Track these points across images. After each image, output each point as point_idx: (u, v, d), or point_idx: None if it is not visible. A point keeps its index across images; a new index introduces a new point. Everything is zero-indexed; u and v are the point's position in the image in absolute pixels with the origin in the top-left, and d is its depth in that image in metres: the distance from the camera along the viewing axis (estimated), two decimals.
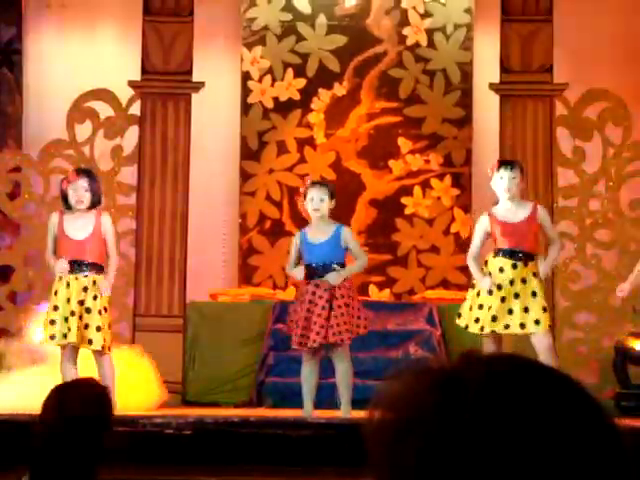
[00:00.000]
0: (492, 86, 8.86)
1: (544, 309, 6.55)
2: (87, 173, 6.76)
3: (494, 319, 6.53)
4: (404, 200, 9.08)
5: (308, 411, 6.58)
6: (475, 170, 9.03)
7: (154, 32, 8.91)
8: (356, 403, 6.41)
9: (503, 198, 6.67)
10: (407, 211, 9.07)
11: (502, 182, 6.64)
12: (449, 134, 9.05)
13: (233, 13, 9.16)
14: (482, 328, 6.55)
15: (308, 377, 6.62)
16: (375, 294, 8.92)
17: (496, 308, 6.54)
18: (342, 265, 6.59)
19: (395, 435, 1.16)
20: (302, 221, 8.87)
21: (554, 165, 8.77)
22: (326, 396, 6.92)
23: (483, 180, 9.01)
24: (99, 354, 6.52)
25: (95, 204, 6.65)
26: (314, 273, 6.59)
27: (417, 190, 9.06)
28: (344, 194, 8.30)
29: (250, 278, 9.00)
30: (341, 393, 6.58)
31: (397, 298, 8.95)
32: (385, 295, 8.95)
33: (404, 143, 9.09)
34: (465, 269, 8.98)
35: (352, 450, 1.14)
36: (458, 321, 6.69)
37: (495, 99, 8.85)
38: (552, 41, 8.74)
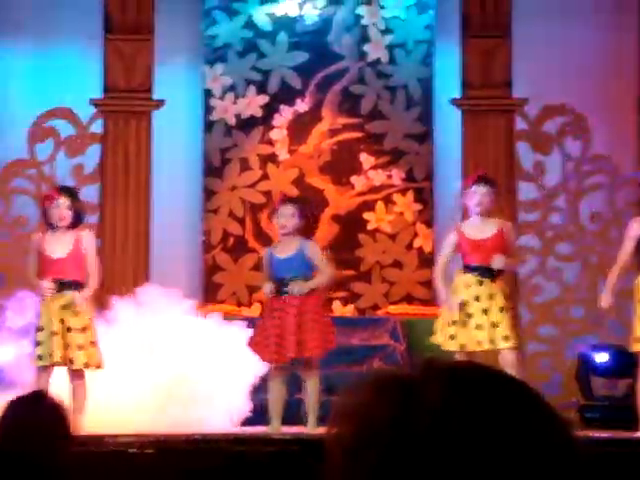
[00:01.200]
0: (453, 101, 8.91)
1: (512, 325, 6.58)
2: (69, 191, 6.75)
3: (468, 337, 6.55)
4: (367, 215, 9.10)
5: (275, 427, 6.57)
6: (437, 185, 9.07)
7: (115, 50, 8.90)
8: (321, 419, 6.41)
9: (474, 213, 6.69)
10: (370, 226, 9.10)
11: (475, 197, 6.66)
12: (411, 149, 9.09)
13: (194, 30, 9.16)
14: (462, 346, 6.56)
15: (276, 393, 6.62)
16: (339, 309, 8.93)
17: (469, 325, 6.56)
18: (309, 279, 6.64)
19: (352, 449, 1.16)
20: (266, 238, 8.88)
21: (515, 179, 8.83)
22: (293, 412, 6.91)
23: (445, 195, 9.06)
24: (76, 374, 6.47)
25: (77, 222, 6.64)
26: (281, 288, 6.64)
27: (380, 205, 9.09)
28: (310, 211, 8.30)
29: (214, 295, 8.98)
30: (309, 409, 6.58)
31: (361, 313, 8.96)
32: (349, 310, 8.96)
33: (366, 159, 9.12)
34: (428, 284, 9.01)
35: (318, 466, 1.13)
36: (433, 338, 6.71)
37: (456, 114, 8.91)
38: (511, 57, 8.82)
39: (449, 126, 8.96)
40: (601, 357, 8.15)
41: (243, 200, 9.12)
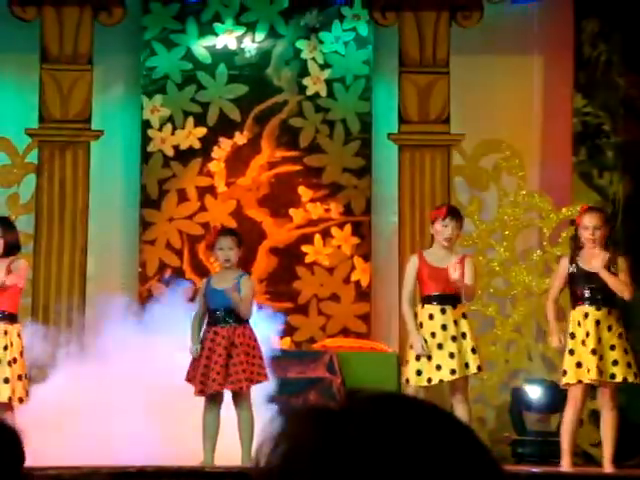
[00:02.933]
0: (390, 136, 8.98)
1: (473, 350, 6.60)
2: (1, 221, 6.71)
3: (438, 368, 6.56)
4: (305, 248, 9.12)
5: (208, 460, 6.54)
6: (375, 219, 9.12)
7: (52, 80, 8.86)
8: None
9: (440, 245, 6.70)
10: (308, 259, 9.11)
11: (446, 230, 6.66)
12: (349, 183, 9.13)
13: (133, 61, 9.15)
14: (429, 379, 6.55)
15: (209, 425, 6.59)
16: (275, 342, 8.90)
17: (437, 357, 6.56)
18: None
19: (279, 479, 1.16)
20: (203, 269, 8.86)
21: None
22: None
23: (383, 229, 9.11)
24: (3, 407, 6.39)
25: (11, 251, 6.58)
26: (215, 319, 6.65)
27: (317, 238, 9.11)
28: (245, 242, 8.30)
29: None
30: (241, 441, 6.55)
31: (297, 346, 8.95)
32: (286, 343, 8.95)
33: (304, 192, 9.14)
34: (365, 317, 9.03)
35: None
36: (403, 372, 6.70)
37: (394, 149, 8.97)
38: (449, 92, 8.91)
39: (387, 160, 9.02)
40: (534, 392, 8.20)
41: (181, 231, 9.10)
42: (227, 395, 6.69)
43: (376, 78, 9.20)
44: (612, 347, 6.51)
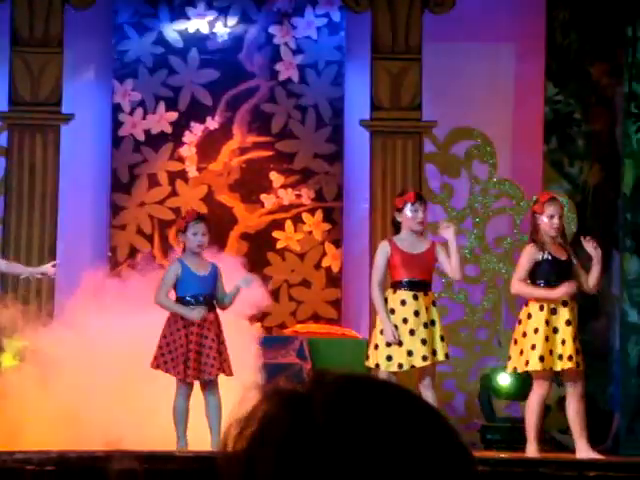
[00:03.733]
0: (362, 122, 8.97)
1: (442, 338, 6.62)
2: None
3: (410, 354, 6.57)
4: (276, 234, 9.11)
5: (181, 444, 6.56)
6: (346, 205, 9.12)
7: (22, 63, 8.79)
8: None
9: (410, 230, 6.70)
10: (279, 245, 9.10)
11: (417, 214, 6.67)
12: (321, 169, 9.13)
13: (104, 45, 9.10)
14: (400, 365, 6.56)
15: (181, 410, 6.61)
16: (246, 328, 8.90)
17: (407, 342, 6.58)
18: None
19: (245, 467, 1.15)
20: (174, 254, 8.82)
21: None
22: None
23: (354, 215, 9.11)
24: None
25: None
26: (198, 304, 6.65)
27: (289, 224, 9.10)
28: (216, 227, 8.27)
29: None
30: (211, 426, 6.56)
31: (268, 332, 8.95)
32: (256, 329, 8.94)
33: (276, 177, 9.13)
34: (336, 303, 9.04)
35: None
36: (367, 363, 6.69)
37: (366, 135, 8.97)
38: (421, 79, 8.91)
39: (359, 147, 9.01)
40: (503, 379, 8.24)
41: (151, 216, 9.07)
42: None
43: (348, 64, 9.20)
44: (568, 335, 6.52)
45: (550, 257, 6.57)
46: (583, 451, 6.48)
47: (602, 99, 8.81)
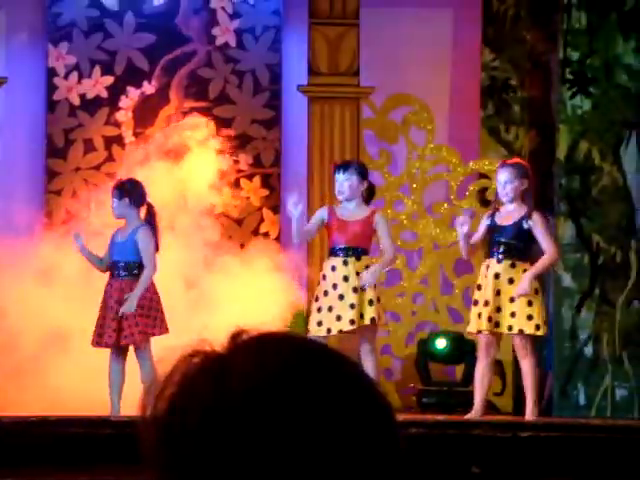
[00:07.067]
0: (300, 88, 8.95)
1: (370, 302, 6.66)
2: None
3: (339, 318, 6.61)
4: (213, 200, 9.07)
5: (115, 410, 6.58)
6: (284, 171, 9.10)
7: None
8: None
9: (341, 200, 6.82)
10: (216, 211, 9.07)
11: (336, 185, 6.80)
12: (258, 135, 9.09)
13: (38, 7, 8.96)
14: (329, 330, 6.60)
15: (114, 376, 6.63)
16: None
17: (338, 308, 6.61)
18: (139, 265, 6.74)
19: (167, 429, 1.15)
20: (111, 220, 8.76)
21: None
22: None
23: (292, 181, 9.10)
24: None
25: None
26: (115, 270, 6.65)
27: (226, 190, 9.07)
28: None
29: None
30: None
31: None
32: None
33: (213, 143, 9.08)
34: None
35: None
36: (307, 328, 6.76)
37: (303, 101, 8.95)
38: (359, 45, 8.90)
39: (297, 112, 8.99)
40: (439, 343, 8.31)
41: (87, 182, 8.99)
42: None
43: (286, 29, 9.15)
44: (511, 300, 6.61)
45: (496, 222, 6.71)
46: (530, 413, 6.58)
47: (538, 65, 8.86)
